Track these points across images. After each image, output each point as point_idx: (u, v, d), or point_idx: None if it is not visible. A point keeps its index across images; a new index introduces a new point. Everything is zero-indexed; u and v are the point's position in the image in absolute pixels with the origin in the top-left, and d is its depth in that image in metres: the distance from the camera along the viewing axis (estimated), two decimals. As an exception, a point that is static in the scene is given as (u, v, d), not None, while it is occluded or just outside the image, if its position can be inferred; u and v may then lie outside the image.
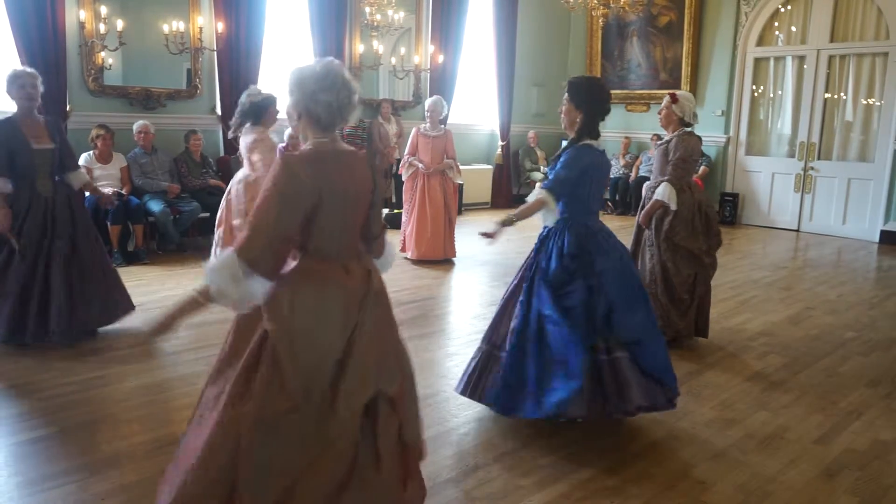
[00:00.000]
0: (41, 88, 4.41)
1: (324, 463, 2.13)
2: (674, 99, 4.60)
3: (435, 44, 10.48)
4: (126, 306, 4.76)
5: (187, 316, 2.11)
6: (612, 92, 3.48)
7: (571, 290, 3.24)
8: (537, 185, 3.44)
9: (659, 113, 4.72)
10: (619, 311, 3.25)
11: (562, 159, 3.39)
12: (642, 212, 4.71)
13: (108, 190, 6.90)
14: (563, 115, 3.48)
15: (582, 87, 3.43)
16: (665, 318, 4.61)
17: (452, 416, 3.61)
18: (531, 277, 3.38)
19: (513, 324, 3.38)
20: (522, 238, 8.65)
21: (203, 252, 6.65)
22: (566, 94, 3.45)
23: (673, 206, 4.53)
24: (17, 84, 4.32)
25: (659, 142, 4.91)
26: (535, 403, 3.21)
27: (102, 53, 7.32)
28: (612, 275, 3.26)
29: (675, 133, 4.61)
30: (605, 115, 3.44)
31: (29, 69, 4.45)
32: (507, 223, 3.36)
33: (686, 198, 4.58)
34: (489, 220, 11.02)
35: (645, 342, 3.29)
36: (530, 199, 3.44)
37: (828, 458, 3.29)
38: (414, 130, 7.43)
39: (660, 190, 4.56)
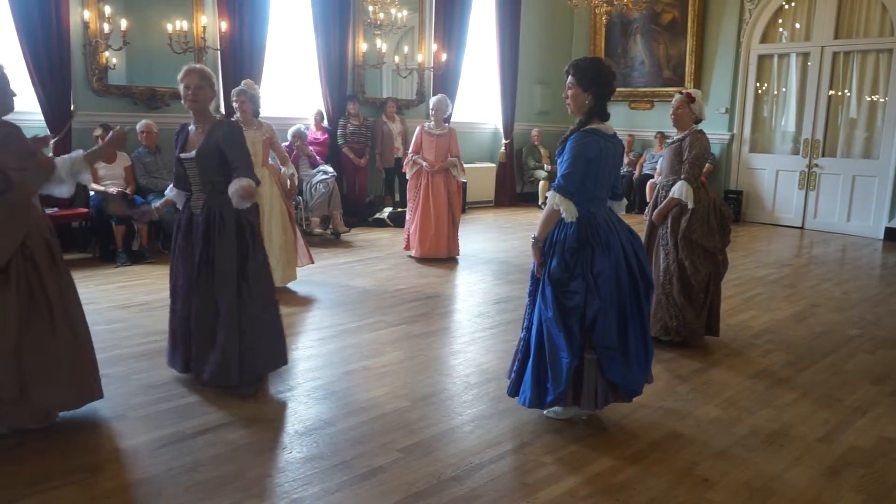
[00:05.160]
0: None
1: None
2: (691, 99, 4.57)
3: (438, 42, 10.48)
4: None
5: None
6: (616, 90, 3.40)
7: (574, 290, 3.23)
8: (548, 193, 3.31)
9: (673, 112, 4.64)
10: (605, 316, 3.23)
11: (567, 149, 3.22)
12: (655, 210, 4.69)
13: (112, 189, 6.95)
14: (569, 101, 3.31)
15: (589, 69, 3.26)
16: (680, 317, 4.60)
17: (456, 413, 3.62)
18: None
19: (525, 318, 3.50)
20: (526, 236, 8.64)
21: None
22: (571, 78, 3.28)
23: (690, 205, 4.51)
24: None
25: (668, 140, 4.90)
26: (533, 396, 3.34)
27: (106, 53, 7.34)
28: (607, 277, 3.22)
29: (688, 131, 4.59)
30: (612, 94, 3.31)
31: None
32: (536, 245, 3.32)
33: (702, 196, 4.59)
34: (493, 218, 10.91)
35: (618, 350, 3.27)
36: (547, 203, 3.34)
37: (833, 455, 3.28)
38: (418, 129, 7.42)
39: (676, 188, 4.54)
